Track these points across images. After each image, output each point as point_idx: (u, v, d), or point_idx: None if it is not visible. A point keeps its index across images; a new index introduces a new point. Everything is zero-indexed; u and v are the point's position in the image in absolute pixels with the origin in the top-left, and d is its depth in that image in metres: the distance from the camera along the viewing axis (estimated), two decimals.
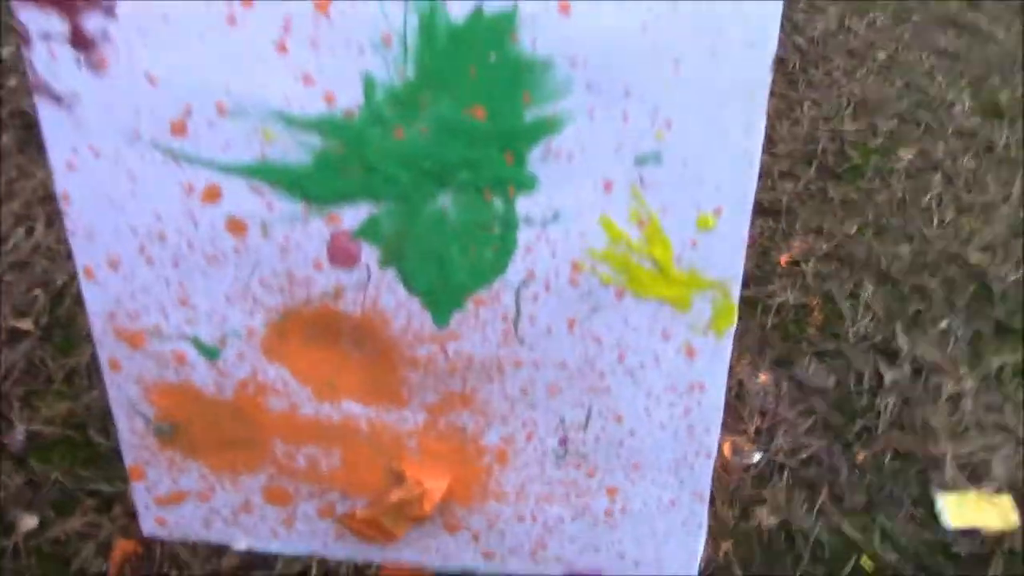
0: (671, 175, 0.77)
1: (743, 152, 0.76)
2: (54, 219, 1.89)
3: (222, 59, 0.76)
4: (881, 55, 2.71)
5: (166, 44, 0.75)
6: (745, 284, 1.81)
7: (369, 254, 0.83)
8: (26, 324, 1.77)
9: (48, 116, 0.79)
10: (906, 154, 2.31)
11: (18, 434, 1.58)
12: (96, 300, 0.87)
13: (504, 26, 0.73)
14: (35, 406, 1.64)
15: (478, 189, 0.79)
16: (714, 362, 0.85)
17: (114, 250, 0.85)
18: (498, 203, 0.80)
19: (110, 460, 1.56)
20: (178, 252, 0.84)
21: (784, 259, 1.94)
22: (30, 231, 1.95)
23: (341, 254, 0.83)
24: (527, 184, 0.79)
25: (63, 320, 1.76)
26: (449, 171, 0.79)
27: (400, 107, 0.77)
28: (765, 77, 0.73)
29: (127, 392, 0.92)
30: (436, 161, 0.78)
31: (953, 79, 2.61)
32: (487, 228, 0.81)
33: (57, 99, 0.78)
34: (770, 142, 2.32)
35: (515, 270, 0.82)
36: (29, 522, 1.48)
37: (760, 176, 2.24)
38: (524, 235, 0.81)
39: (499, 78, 0.75)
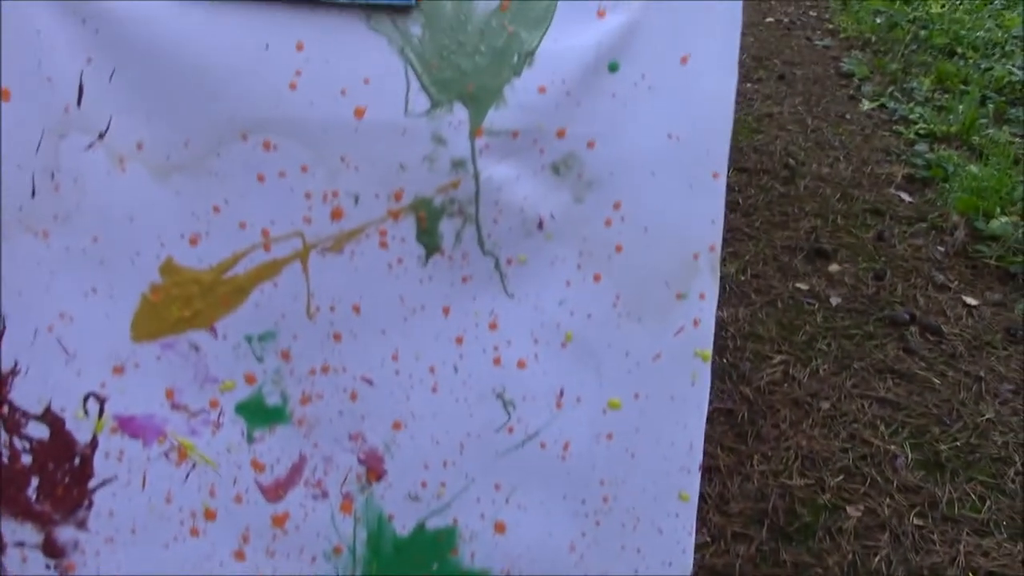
0: None
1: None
2: None
3: (184, 566, 0.82)
4: (825, 405, 2.84)
5: (132, 554, 0.81)
6: None
7: None
8: None
9: None
10: (854, 512, 2.38)
11: None
12: None
13: (445, 541, 0.80)
14: None
15: None
16: None
17: None
18: None
19: None
20: None
21: None
22: None
23: None
24: None
25: None
26: None
27: None
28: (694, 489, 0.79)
29: None
30: None
31: (894, 430, 2.73)
32: None
33: None
34: (722, 500, 2.39)
35: None
36: None
37: (715, 539, 2.24)
38: None
39: None
